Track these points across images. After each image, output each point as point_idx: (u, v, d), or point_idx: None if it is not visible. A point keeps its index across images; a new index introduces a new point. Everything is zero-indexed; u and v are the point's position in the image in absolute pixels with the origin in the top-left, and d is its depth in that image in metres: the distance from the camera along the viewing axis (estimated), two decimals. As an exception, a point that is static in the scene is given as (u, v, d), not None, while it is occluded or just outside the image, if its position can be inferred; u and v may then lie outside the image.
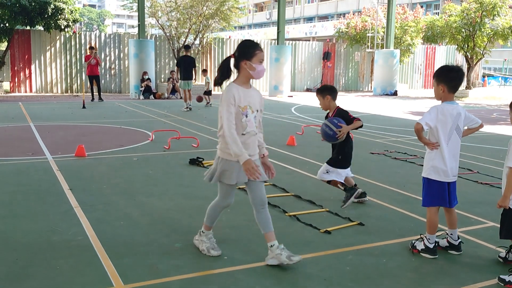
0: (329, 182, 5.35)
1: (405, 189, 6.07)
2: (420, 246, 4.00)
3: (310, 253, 3.96)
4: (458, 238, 4.04)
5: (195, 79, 16.07)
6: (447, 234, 4.09)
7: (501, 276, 3.52)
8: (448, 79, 3.89)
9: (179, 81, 15.86)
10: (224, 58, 4.58)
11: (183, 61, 15.44)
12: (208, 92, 17.25)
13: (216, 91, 24.97)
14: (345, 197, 5.13)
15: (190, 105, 15.37)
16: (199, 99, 16.90)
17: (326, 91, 5.30)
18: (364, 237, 4.36)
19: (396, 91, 25.38)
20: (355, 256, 3.93)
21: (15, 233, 4.28)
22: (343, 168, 5.26)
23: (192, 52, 19.84)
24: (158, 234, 4.34)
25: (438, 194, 3.93)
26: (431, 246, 3.94)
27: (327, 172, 5.29)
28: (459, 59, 32.21)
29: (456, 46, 27.74)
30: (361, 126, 5.13)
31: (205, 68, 22.54)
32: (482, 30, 25.13)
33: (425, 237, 3.98)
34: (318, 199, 5.49)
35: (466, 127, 4.06)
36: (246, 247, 4.08)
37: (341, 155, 5.26)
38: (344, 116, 5.16)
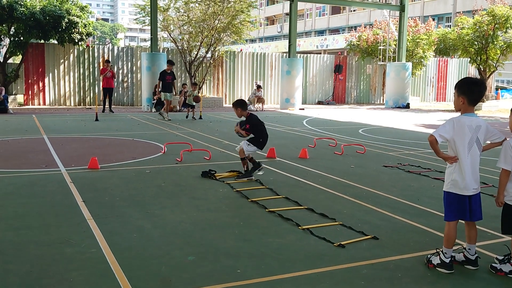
0: (243, 159, 7.24)
1: (419, 202, 6.00)
2: (436, 260, 3.94)
3: (324, 267, 3.92)
4: (475, 253, 3.98)
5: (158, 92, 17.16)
6: (464, 248, 4.04)
7: (493, 265, 3.86)
8: (469, 92, 3.85)
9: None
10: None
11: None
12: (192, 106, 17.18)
13: (228, 103, 25.07)
14: (246, 172, 7.17)
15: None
16: (197, 99, 17.09)
17: (236, 105, 7.35)
18: (379, 251, 4.31)
19: (408, 104, 25.27)
20: (370, 270, 3.88)
21: (29, 245, 4.29)
22: (259, 148, 7.29)
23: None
24: (171, 246, 4.33)
25: (459, 207, 3.89)
26: (447, 260, 3.88)
27: (249, 144, 7.18)
28: (471, 72, 32.05)
29: (469, 59, 27.64)
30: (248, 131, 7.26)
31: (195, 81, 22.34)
32: (495, 42, 25.05)
33: (441, 251, 3.93)
34: (331, 212, 5.45)
35: (488, 142, 4.00)
36: (259, 260, 4.05)
37: (262, 138, 7.27)
38: (247, 120, 7.29)
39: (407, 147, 10.81)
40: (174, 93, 17.05)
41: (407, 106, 25.07)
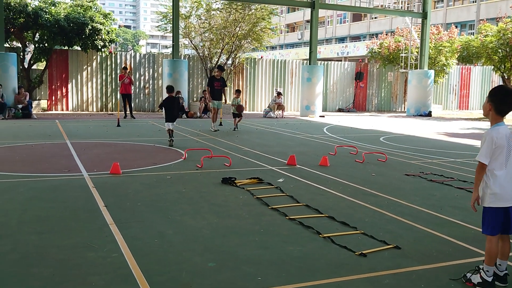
0: (168, 131, 11.23)
1: (442, 212, 5.91)
2: (476, 279, 3.73)
3: (345, 276, 3.88)
4: (506, 270, 3.82)
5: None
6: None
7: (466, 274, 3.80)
8: (499, 102, 3.70)
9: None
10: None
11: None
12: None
13: (248, 110, 25.11)
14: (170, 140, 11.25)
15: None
16: (240, 109, 15.36)
17: (167, 89, 11.58)
18: (401, 261, 4.25)
19: (430, 112, 24.99)
20: (392, 280, 3.83)
21: (51, 249, 4.34)
22: (167, 122, 11.14)
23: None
24: (191, 252, 4.33)
25: (499, 220, 3.71)
26: (490, 279, 3.69)
27: (166, 124, 11.19)
28: (495, 80, 31.60)
29: (493, 67, 27.24)
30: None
31: (238, 88, 22.02)
32: (519, 50, 24.64)
33: (482, 269, 3.74)
34: (352, 220, 5.40)
35: None
36: (280, 268, 4.02)
37: (167, 115, 11.13)
38: (163, 100, 11.45)
39: (429, 155, 10.67)
40: (225, 101, 15.37)
41: (429, 114, 24.80)
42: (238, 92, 16.40)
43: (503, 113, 3.75)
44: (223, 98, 15.06)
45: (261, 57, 27.43)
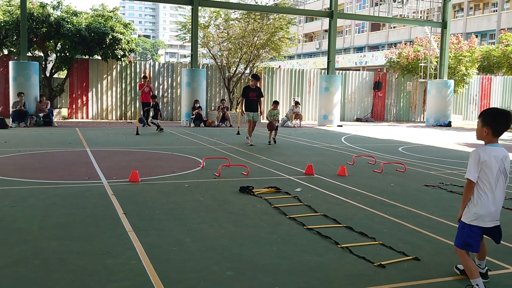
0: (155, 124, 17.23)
1: (462, 223, 5.83)
2: None
3: (363, 287, 3.85)
4: (486, 266, 4.05)
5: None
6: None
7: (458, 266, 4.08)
8: (495, 124, 3.79)
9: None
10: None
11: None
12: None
13: (265, 119, 25.14)
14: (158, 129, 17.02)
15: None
16: (270, 127, 13.98)
17: (152, 97, 18.37)
18: (420, 272, 4.20)
19: (450, 122, 24.75)
20: (411, 292, 3.79)
21: (72, 255, 4.39)
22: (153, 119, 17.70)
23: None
24: (209, 261, 4.34)
25: (476, 239, 3.84)
26: None
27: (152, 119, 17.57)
28: (516, 90, 31.20)
29: (514, 77, 26.95)
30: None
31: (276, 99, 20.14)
32: (541, 60, 24.34)
33: (471, 285, 3.78)
34: (370, 231, 5.36)
35: None
36: (298, 278, 4.01)
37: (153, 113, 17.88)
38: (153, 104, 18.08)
39: (449, 166, 10.56)
40: (260, 112, 13.76)
41: (448, 125, 24.56)
42: (275, 103, 14.61)
43: (500, 134, 3.83)
44: (259, 109, 13.69)
45: (279, 67, 27.48)
